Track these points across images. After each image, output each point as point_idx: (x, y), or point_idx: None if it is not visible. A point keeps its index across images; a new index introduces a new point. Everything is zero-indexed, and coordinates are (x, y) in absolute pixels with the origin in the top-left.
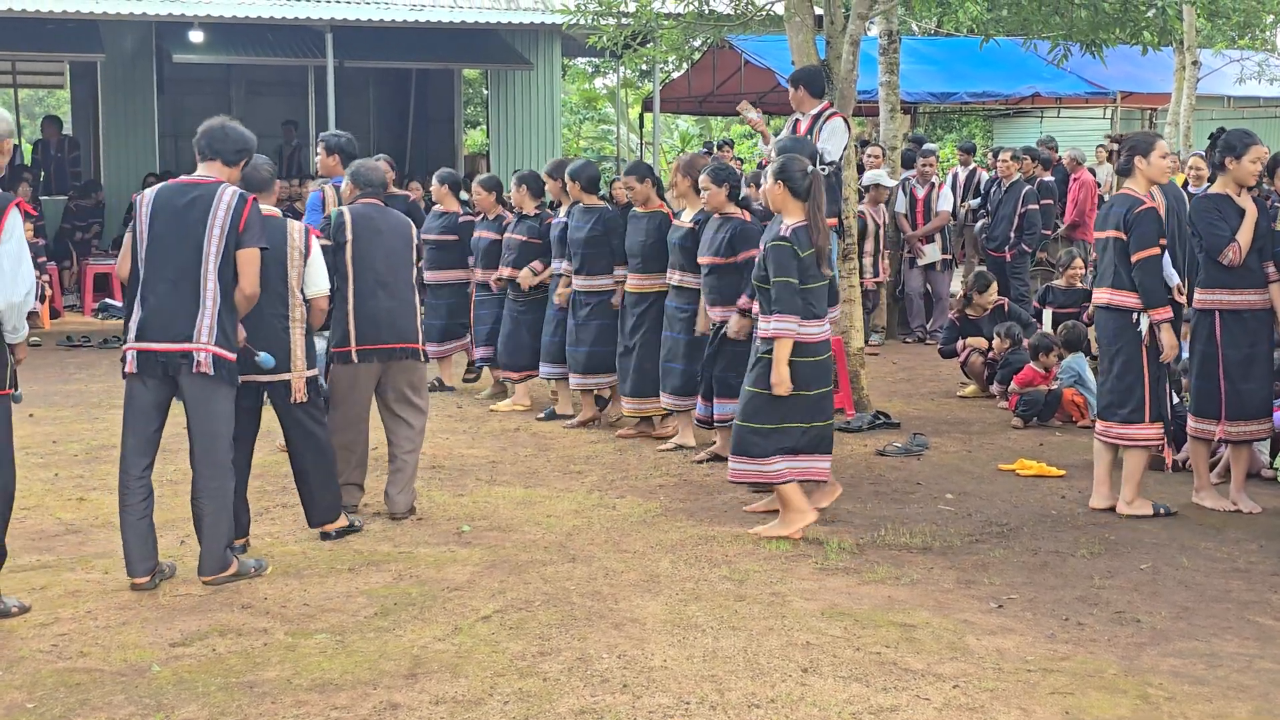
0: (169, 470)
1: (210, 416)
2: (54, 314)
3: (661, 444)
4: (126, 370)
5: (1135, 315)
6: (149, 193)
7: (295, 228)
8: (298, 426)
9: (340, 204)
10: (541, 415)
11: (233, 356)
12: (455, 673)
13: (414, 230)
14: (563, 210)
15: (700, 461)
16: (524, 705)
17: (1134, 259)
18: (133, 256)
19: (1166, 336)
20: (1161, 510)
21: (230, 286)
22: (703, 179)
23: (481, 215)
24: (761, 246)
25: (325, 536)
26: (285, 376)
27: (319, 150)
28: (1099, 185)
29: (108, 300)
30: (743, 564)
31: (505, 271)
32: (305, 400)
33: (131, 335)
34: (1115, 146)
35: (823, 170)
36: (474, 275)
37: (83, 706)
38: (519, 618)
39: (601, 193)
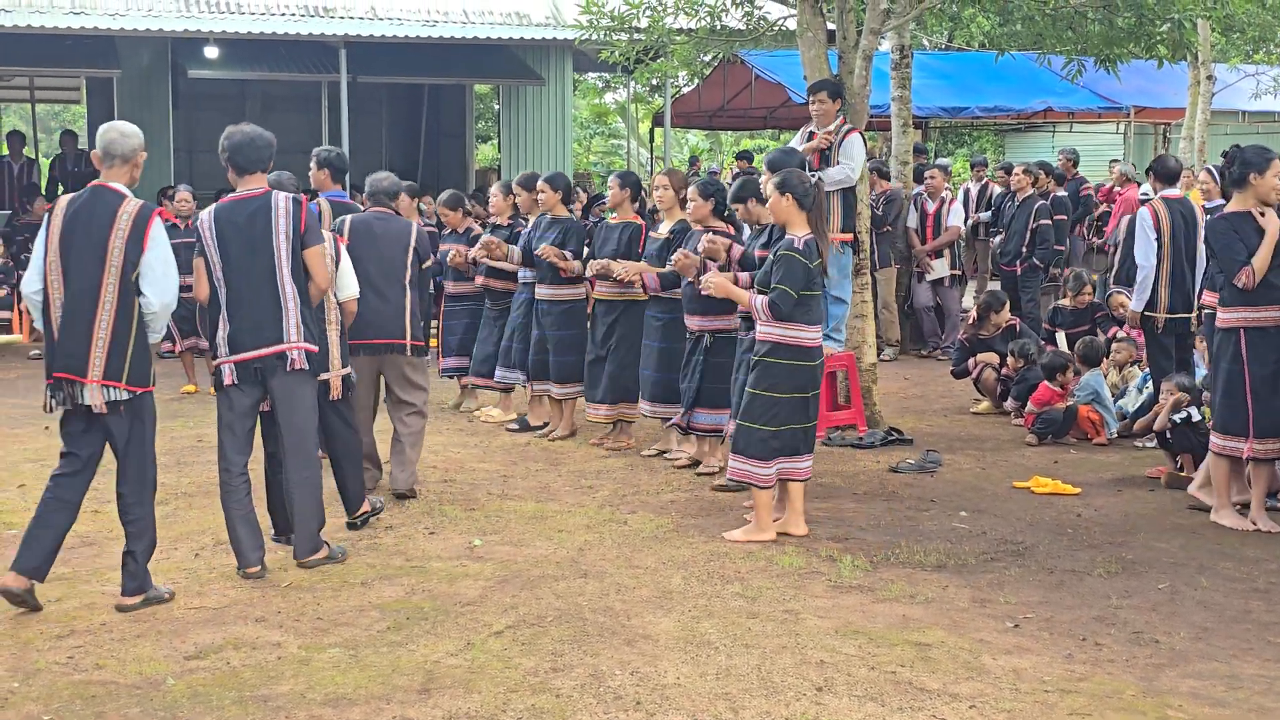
0: (184, 483)
1: (298, 410)
2: None
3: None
4: (225, 383)
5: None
6: (206, 216)
7: (327, 238)
8: (333, 423)
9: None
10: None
11: (317, 348)
12: (468, 688)
13: (414, 235)
14: (532, 220)
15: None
16: None
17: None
18: (208, 277)
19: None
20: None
21: (304, 284)
22: (690, 192)
23: (450, 230)
24: (748, 251)
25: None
26: (324, 376)
27: (311, 165)
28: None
29: None
30: (755, 581)
31: (478, 280)
32: (341, 397)
33: (224, 350)
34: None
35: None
36: (446, 288)
37: (98, 719)
38: (531, 633)
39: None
